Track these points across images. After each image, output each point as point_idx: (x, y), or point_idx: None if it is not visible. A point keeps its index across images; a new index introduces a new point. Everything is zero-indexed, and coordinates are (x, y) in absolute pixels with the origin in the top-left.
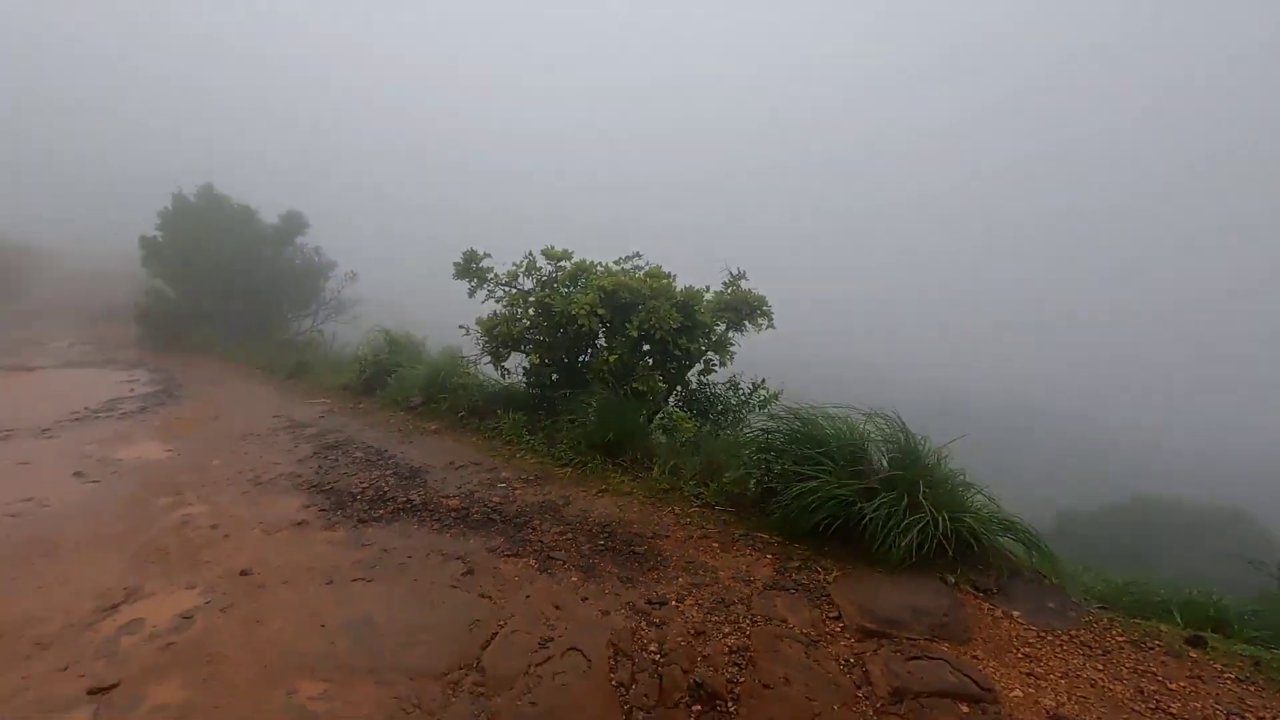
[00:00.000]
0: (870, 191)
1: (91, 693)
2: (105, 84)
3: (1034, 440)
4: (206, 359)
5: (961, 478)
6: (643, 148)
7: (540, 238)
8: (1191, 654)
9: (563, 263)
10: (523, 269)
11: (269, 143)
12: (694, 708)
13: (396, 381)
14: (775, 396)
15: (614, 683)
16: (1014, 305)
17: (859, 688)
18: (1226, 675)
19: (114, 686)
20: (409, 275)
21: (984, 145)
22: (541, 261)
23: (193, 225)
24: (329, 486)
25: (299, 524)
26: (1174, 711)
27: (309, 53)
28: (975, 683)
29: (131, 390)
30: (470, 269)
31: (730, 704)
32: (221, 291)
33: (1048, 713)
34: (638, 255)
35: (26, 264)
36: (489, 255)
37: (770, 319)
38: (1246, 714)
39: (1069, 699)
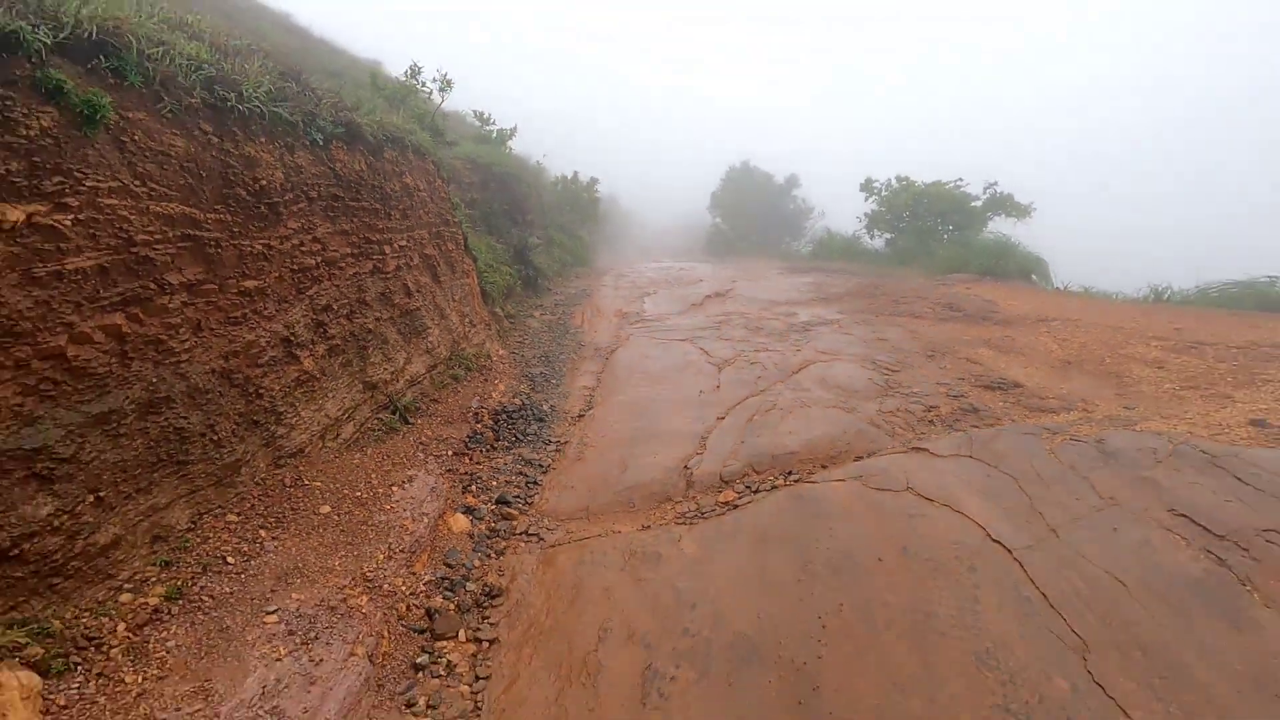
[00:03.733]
0: None
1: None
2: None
3: None
4: (742, 257)
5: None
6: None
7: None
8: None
9: (904, 181)
10: (884, 185)
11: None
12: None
13: (826, 250)
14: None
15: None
16: None
17: (935, 290)
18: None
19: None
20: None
21: None
22: (894, 182)
23: (737, 185)
24: (789, 269)
25: (786, 271)
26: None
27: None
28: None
29: (709, 266)
30: (868, 186)
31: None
32: (751, 225)
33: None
34: (960, 179)
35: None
36: (877, 179)
37: (1020, 212)
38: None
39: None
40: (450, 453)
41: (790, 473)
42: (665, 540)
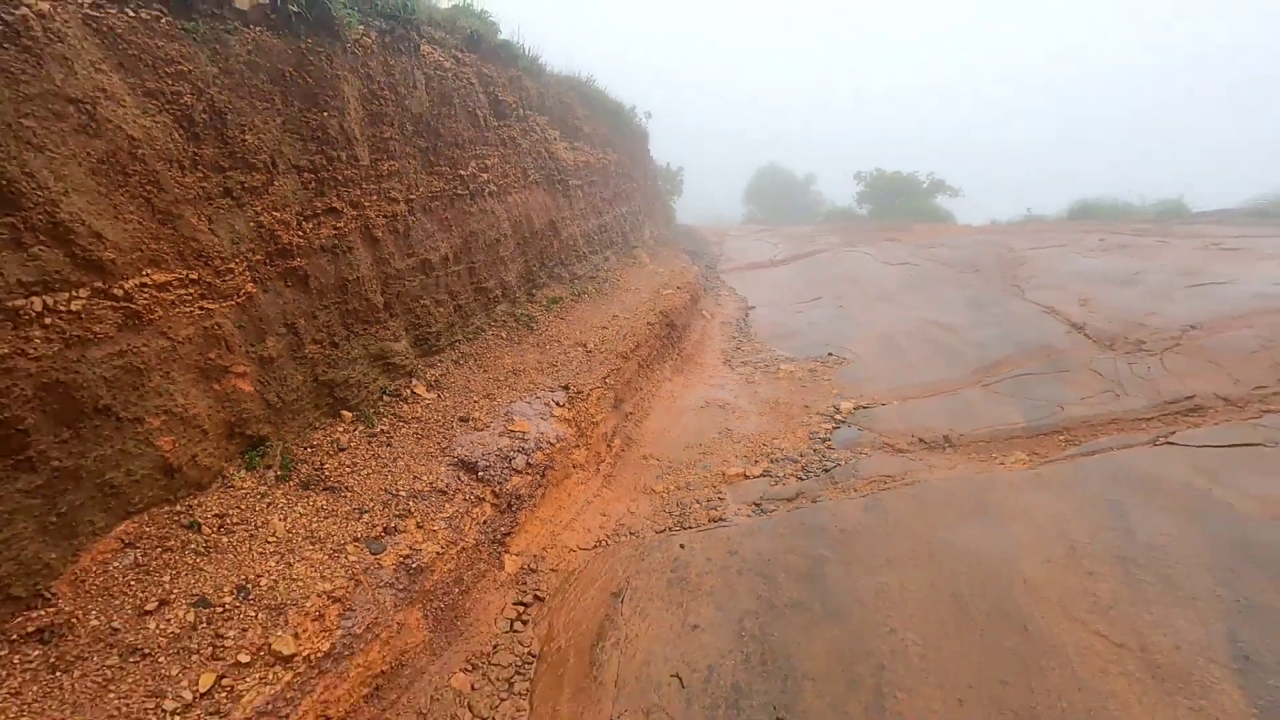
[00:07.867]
0: None
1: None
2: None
3: None
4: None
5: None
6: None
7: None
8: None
9: (880, 171)
10: (868, 175)
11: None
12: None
13: (831, 218)
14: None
15: None
16: None
17: (886, 227)
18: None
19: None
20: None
21: None
22: (875, 172)
23: (766, 180)
24: (822, 222)
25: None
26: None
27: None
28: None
29: (753, 225)
30: (859, 175)
31: None
32: (775, 210)
33: None
34: (917, 170)
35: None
36: (862, 170)
37: (952, 192)
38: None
39: None
40: (683, 255)
41: (808, 255)
42: (768, 270)
